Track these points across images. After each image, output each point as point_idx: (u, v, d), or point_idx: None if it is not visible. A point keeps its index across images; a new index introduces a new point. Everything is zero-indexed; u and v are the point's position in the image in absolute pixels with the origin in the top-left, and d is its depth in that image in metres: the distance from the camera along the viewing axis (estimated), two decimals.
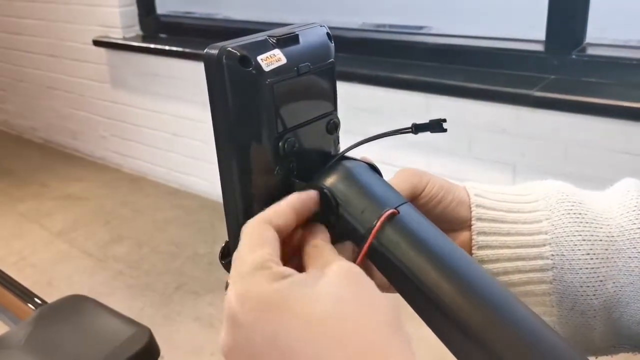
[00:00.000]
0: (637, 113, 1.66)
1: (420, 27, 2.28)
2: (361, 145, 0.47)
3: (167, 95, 3.04)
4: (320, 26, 0.46)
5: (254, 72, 0.40)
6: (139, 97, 3.19)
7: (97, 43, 3.14)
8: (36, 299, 1.69)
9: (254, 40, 0.41)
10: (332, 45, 0.46)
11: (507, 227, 0.48)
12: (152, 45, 2.95)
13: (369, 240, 0.40)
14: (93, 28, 3.18)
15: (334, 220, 0.42)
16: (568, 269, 0.46)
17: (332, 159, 0.46)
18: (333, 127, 0.47)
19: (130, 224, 2.89)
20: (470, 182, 0.51)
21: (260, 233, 0.39)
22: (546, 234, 0.47)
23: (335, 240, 0.43)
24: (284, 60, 0.41)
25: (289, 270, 0.37)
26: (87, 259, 2.61)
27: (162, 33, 3.07)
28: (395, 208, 0.41)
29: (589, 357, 0.36)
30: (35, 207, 3.10)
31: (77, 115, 3.63)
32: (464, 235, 0.50)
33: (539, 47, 1.93)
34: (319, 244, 0.41)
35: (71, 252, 2.67)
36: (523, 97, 1.82)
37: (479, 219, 0.49)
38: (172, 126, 3.10)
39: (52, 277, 2.49)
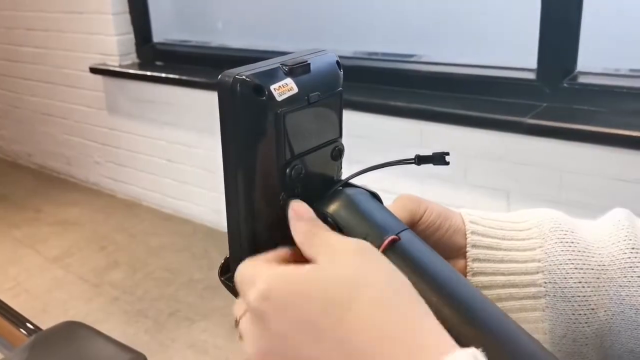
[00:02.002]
0: (629, 140, 1.69)
1: (412, 56, 2.32)
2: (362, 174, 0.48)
3: (162, 122, 3.06)
4: (330, 53, 0.47)
5: (266, 101, 0.41)
6: (135, 123, 3.21)
7: (94, 70, 3.16)
8: (30, 325, 1.68)
9: (267, 68, 0.42)
10: (341, 73, 0.47)
11: (501, 254, 0.49)
12: (148, 73, 2.98)
13: None
14: (90, 56, 3.20)
15: None
16: (560, 296, 0.47)
17: (335, 185, 0.47)
18: (338, 154, 0.48)
19: (125, 250, 2.88)
20: (466, 209, 0.52)
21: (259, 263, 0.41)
22: (539, 261, 0.48)
23: None
24: (295, 90, 0.42)
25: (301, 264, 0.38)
26: (82, 285, 2.60)
27: (158, 61, 3.10)
28: (397, 234, 0.42)
29: None
30: (31, 233, 3.10)
31: (73, 141, 3.64)
32: (459, 263, 0.50)
33: (531, 75, 1.96)
34: (314, 230, 0.41)
35: (66, 278, 2.66)
36: (516, 124, 1.85)
37: (474, 246, 0.49)
38: (166, 152, 3.11)
39: (47, 303, 2.47)
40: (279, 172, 0.43)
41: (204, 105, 2.82)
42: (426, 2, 2.28)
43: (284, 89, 0.41)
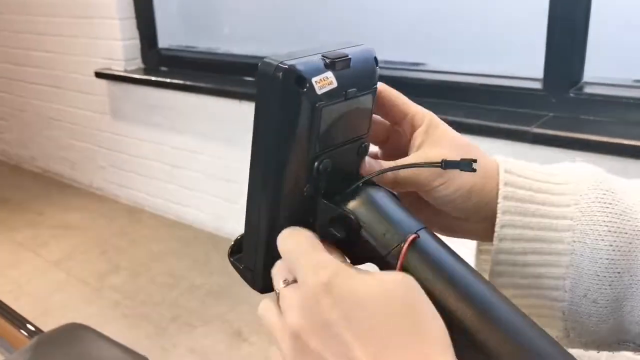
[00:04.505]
0: (635, 151, 1.69)
1: (418, 64, 2.32)
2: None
3: (166, 127, 3.06)
4: (369, 48, 0.47)
5: (307, 93, 0.40)
6: (139, 128, 3.21)
7: (99, 75, 3.17)
8: (31, 327, 1.67)
9: (309, 59, 0.41)
10: (378, 69, 0.47)
11: (534, 208, 0.48)
12: (153, 78, 2.99)
13: (400, 262, 0.41)
14: (96, 60, 3.21)
15: (355, 242, 0.43)
16: (588, 257, 0.46)
17: (356, 182, 0.47)
18: (364, 151, 0.48)
19: (127, 255, 2.88)
20: (502, 156, 0.51)
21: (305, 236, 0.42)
22: (571, 219, 0.47)
23: (353, 262, 0.44)
24: (335, 84, 0.42)
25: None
26: (83, 289, 2.59)
27: (163, 66, 3.11)
28: (416, 232, 0.42)
29: (592, 350, 0.37)
30: (32, 236, 3.09)
31: (77, 145, 3.64)
32: (485, 213, 0.50)
33: (537, 85, 1.97)
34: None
35: (68, 282, 2.65)
36: (522, 133, 1.85)
37: (506, 197, 0.48)
38: (170, 158, 3.11)
39: (48, 306, 2.46)
40: (308, 165, 0.43)
41: (208, 111, 2.82)
42: (433, 11, 2.28)
43: (325, 82, 0.41)
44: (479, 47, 2.19)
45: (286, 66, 0.40)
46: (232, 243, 0.48)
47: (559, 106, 1.91)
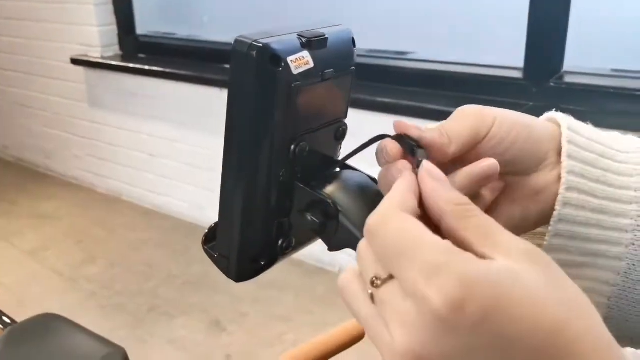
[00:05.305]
0: None
1: (402, 53, 2.31)
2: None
3: (144, 115, 3.01)
4: (346, 29, 0.45)
5: (282, 72, 0.39)
6: (116, 116, 3.16)
7: (75, 62, 3.11)
8: (5, 319, 1.63)
9: (285, 37, 0.40)
10: (355, 50, 0.45)
11: (598, 173, 0.42)
12: (131, 65, 2.94)
13: None
14: (72, 47, 3.15)
15: (333, 227, 0.42)
16: None
17: (333, 166, 0.45)
18: (341, 135, 0.47)
19: (104, 245, 2.84)
20: (560, 113, 0.45)
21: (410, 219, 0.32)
22: (635, 191, 0.42)
23: (331, 248, 0.43)
24: (311, 65, 0.40)
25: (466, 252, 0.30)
26: (58, 279, 2.55)
27: (141, 53, 3.06)
28: None
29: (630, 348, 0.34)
30: (6, 226, 3.03)
31: (52, 134, 3.58)
32: (544, 176, 0.43)
33: (518, 75, 1.97)
34: (482, 222, 0.32)
35: (42, 272, 2.61)
36: None
37: (570, 157, 0.42)
38: (148, 146, 3.07)
39: (22, 297, 2.42)
40: (283, 148, 0.41)
41: (187, 99, 2.79)
42: (416, 0, 2.28)
43: (301, 62, 0.40)
44: (460, 36, 2.19)
45: (260, 44, 0.38)
46: (207, 231, 0.46)
47: (539, 95, 1.92)
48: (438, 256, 0.28)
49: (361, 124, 2.46)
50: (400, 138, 0.40)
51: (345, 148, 0.48)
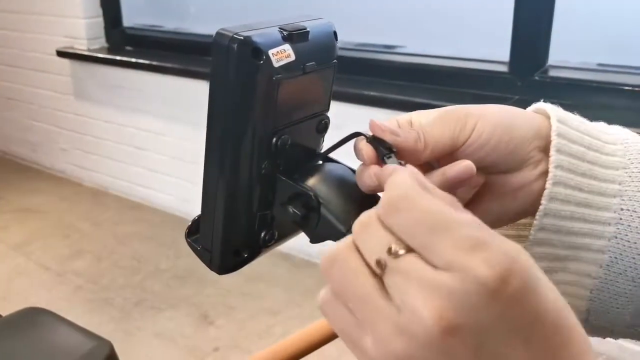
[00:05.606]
0: None
1: (389, 47, 2.31)
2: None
3: (131, 108, 3.00)
4: (328, 22, 0.45)
5: (263, 65, 0.39)
6: (103, 109, 3.14)
7: (61, 54, 3.08)
8: None
9: (266, 30, 0.40)
10: (337, 44, 0.46)
11: (585, 167, 0.42)
12: (117, 57, 2.92)
13: None
14: (57, 39, 3.12)
15: (314, 220, 0.42)
16: (635, 227, 0.42)
17: (315, 159, 0.46)
18: (323, 127, 0.47)
19: (90, 238, 2.83)
20: (549, 104, 0.45)
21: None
22: (620, 184, 0.42)
23: (312, 240, 0.43)
24: (292, 57, 0.41)
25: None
26: (44, 273, 2.54)
27: (127, 46, 3.04)
28: None
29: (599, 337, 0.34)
30: None
31: (38, 127, 3.55)
32: (528, 173, 0.43)
33: (504, 68, 1.98)
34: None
35: (28, 266, 2.59)
36: None
37: (559, 151, 0.42)
38: (135, 139, 3.06)
39: (8, 291, 2.41)
40: (265, 141, 0.42)
41: (174, 92, 2.77)
42: None
43: (282, 55, 0.40)
44: (446, 30, 2.20)
45: (242, 37, 0.39)
46: (190, 223, 0.47)
47: (524, 89, 1.93)
48: (477, 231, 0.28)
49: (348, 117, 2.46)
50: (374, 140, 0.41)
51: (331, 140, 0.48)
